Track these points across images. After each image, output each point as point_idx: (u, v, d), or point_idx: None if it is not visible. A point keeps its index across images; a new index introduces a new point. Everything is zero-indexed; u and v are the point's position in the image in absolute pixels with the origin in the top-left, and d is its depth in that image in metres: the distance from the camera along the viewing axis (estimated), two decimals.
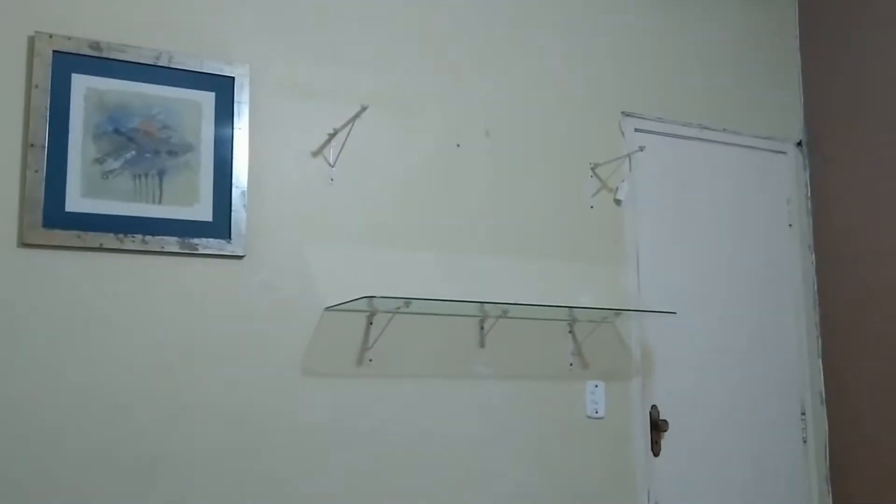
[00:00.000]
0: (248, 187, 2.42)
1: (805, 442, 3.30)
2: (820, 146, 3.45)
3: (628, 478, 2.90)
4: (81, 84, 2.26)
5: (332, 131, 2.56)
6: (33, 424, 2.12)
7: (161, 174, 2.33)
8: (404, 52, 2.74)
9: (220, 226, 2.38)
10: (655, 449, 2.98)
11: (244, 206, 2.41)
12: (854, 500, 3.19)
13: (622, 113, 3.10)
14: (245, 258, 2.41)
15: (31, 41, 2.22)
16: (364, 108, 2.42)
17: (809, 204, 3.45)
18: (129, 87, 2.32)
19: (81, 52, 2.26)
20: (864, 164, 3.24)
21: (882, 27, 3.21)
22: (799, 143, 3.49)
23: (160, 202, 2.32)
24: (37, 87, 2.20)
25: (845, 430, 3.25)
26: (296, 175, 2.52)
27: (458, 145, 2.78)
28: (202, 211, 2.37)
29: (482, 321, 2.72)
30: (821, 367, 3.35)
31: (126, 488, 2.19)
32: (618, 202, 3.04)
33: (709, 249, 3.23)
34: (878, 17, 3.23)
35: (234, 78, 2.44)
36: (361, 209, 2.59)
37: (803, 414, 3.32)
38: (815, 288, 3.40)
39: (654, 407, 3.01)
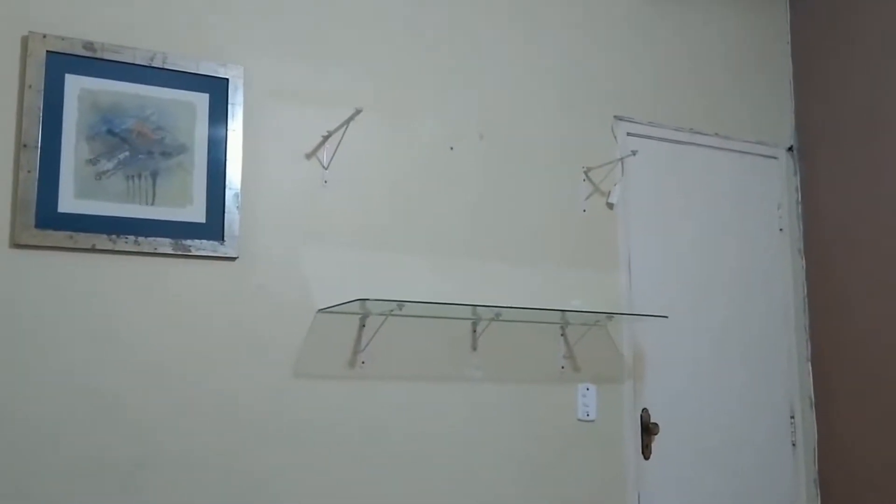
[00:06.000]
0: (241, 189, 2.42)
1: (794, 445, 3.32)
2: (810, 151, 3.47)
3: (619, 481, 2.91)
4: (75, 84, 2.26)
5: (325, 133, 2.56)
6: (24, 425, 2.11)
7: (154, 175, 2.33)
8: (398, 55, 2.74)
9: (214, 227, 2.38)
10: (646, 452, 2.99)
11: (237, 207, 2.41)
12: (842, 503, 3.21)
13: (615, 117, 3.11)
14: (238, 260, 2.41)
15: (25, 41, 2.22)
16: (358, 111, 2.42)
17: (800, 209, 3.47)
18: (123, 88, 2.32)
19: (75, 53, 2.26)
20: (854, 169, 3.27)
21: (873, 34, 3.23)
22: (790, 149, 3.51)
23: (153, 203, 2.32)
24: (30, 87, 2.20)
25: (834, 434, 3.27)
26: (289, 177, 2.52)
27: (451, 148, 2.78)
28: (195, 212, 2.37)
29: (475, 324, 2.73)
30: (810, 370, 3.37)
31: (117, 489, 2.18)
32: (610, 206, 3.05)
33: (700, 254, 3.24)
34: (869, 24, 3.25)
35: (228, 79, 2.44)
36: (355, 212, 2.59)
37: (792, 417, 3.34)
38: (805, 292, 3.42)
39: (644, 410, 3.02)
